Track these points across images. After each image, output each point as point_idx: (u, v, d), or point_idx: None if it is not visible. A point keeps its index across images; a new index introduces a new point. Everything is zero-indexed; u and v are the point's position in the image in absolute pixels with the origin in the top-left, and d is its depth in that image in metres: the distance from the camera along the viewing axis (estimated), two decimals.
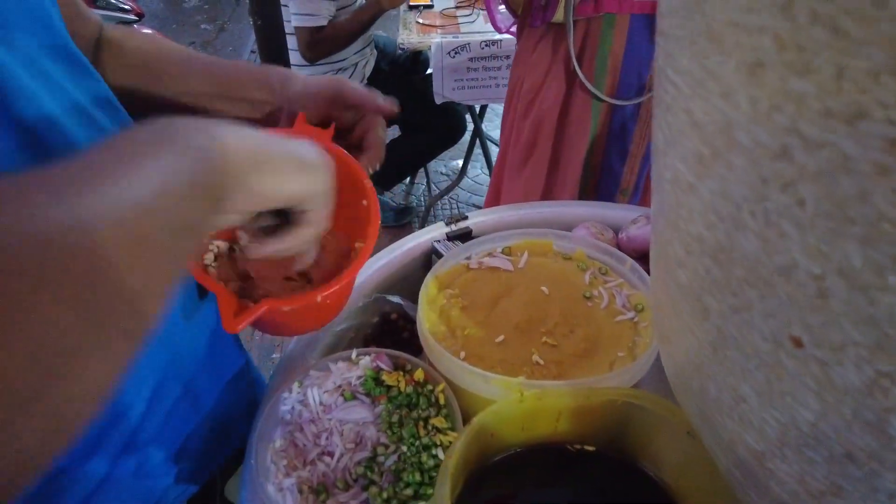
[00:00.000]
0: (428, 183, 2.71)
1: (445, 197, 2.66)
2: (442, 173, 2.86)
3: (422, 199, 2.69)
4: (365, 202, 0.54)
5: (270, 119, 0.62)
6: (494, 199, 1.59)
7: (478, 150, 2.55)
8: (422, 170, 2.67)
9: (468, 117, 2.36)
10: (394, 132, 2.83)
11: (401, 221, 2.52)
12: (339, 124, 0.59)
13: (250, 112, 0.62)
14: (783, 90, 0.21)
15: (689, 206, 0.30)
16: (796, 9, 0.19)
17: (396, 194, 2.70)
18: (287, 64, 1.72)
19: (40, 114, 0.42)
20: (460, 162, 2.82)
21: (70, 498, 0.52)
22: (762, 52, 0.21)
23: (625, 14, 1.16)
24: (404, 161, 2.39)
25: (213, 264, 0.53)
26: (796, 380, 0.29)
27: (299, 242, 0.44)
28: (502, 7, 1.37)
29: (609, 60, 1.22)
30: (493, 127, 3.06)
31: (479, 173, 2.81)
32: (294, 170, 0.39)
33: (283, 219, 0.44)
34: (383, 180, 2.39)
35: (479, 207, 2.63)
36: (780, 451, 0.32)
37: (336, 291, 0.50)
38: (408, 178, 2.72)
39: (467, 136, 2.44)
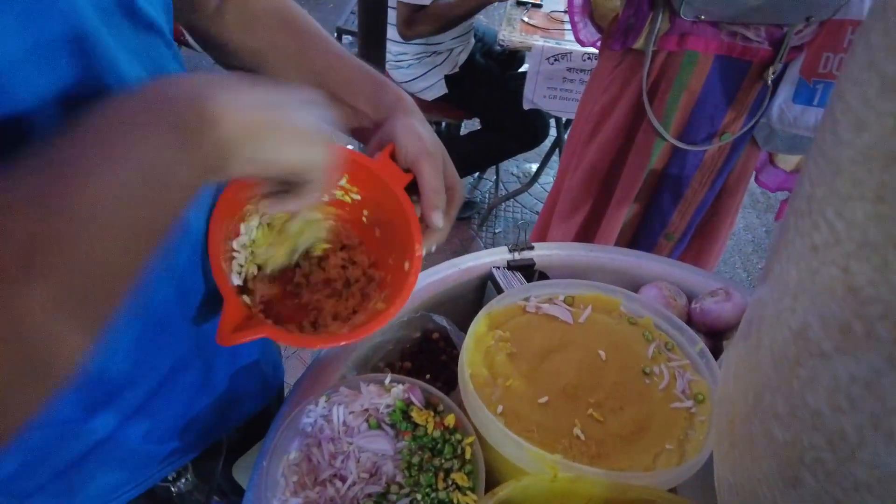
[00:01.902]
0: (497, 181, 2.66)
1: (511, 199, 2.60)
2: (513, 174, 2.80)
3: (487, 196, 2.64)
4: (407, 266, 0.51)
5: (362, 132, 0.59)
6: (546, 219, 1.53)
7: (554, 158, 2.47)
8: (493, 167, 2.62)
9: (553, 121, 2.28)
10: (474, 124, 2.79)
11: (461, 215, 2.48)
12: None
13: (347, 118, 0.59)
14: None
15: (814, 374, 0.25)
16: None
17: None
18: (382, 37, 1.68)
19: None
20: (534, 166, 2.75)
21: (68, 450, 0.52)
22: None
23: (709, 54, 1.08)
24: (479, 155, 2.34)
25: (239, 269, 0.52)
26: None
27: (303, 204, 0.45)
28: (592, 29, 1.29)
29: (682, 98, 1.14)
30: None
31: (550, 181, 2.73)
32: (291, 140, 0.39)
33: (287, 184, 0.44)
34: None
35: None
36: None
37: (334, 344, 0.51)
38: (477, 173, 2.67)
39: (546, 143, 2.36)
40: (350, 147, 0.54)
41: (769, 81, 1.08)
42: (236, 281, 0.51)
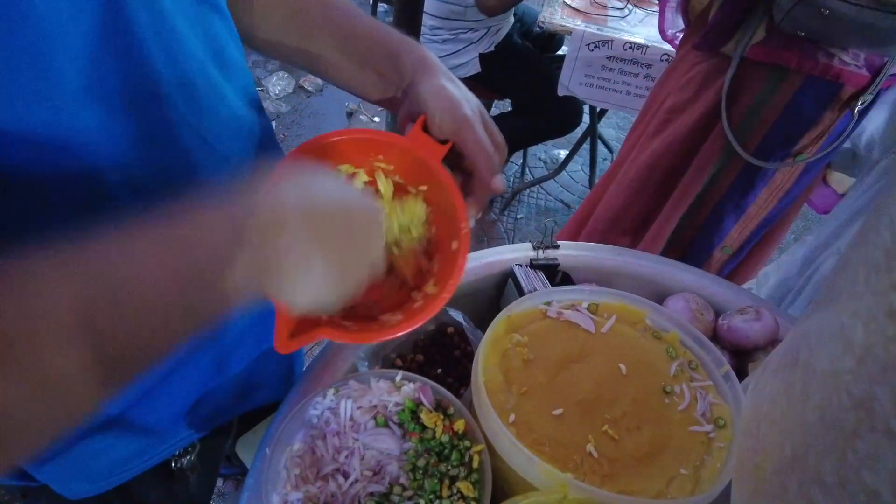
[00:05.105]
0: (523, 166, 2.61)
1: (536, 185, 2.55)
2: (540, 159, 2.74)
3: (512, 180, 2.60)
4: (455, 245, 0.48)
5: (391, 101, 0.56)
6: (581, 219, 1.47)
7: (585, 147, 2.41)
8: (520, 151, 2.57)
9: (587, 108, 2.21)
10: (505, 105, 2.73)
11: None
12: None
13: (374, 86, 0.55)
14: None
15: (876, 452, 0.23)
16: None
17: None
18: (418, 9, 1.61)
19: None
20: (562, 153, 2.69)
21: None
22: None
23: (801, 72, 1.01)
24: (507, 138, 2.26)
25: None
26: None
27: None
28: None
29: (762, 112, 1.07)
30: (607, 125, 2.88)
31: (577, 169, 2.68)
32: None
33: None
34: None
35: (568, 205, 2.50)
36: None
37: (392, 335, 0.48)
38: None
39: (578, 130, 2.30)
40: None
41: (856, 111, 1.00)
42: None
